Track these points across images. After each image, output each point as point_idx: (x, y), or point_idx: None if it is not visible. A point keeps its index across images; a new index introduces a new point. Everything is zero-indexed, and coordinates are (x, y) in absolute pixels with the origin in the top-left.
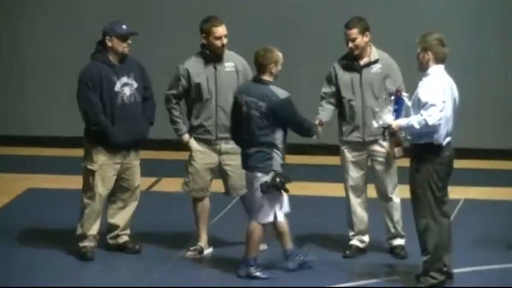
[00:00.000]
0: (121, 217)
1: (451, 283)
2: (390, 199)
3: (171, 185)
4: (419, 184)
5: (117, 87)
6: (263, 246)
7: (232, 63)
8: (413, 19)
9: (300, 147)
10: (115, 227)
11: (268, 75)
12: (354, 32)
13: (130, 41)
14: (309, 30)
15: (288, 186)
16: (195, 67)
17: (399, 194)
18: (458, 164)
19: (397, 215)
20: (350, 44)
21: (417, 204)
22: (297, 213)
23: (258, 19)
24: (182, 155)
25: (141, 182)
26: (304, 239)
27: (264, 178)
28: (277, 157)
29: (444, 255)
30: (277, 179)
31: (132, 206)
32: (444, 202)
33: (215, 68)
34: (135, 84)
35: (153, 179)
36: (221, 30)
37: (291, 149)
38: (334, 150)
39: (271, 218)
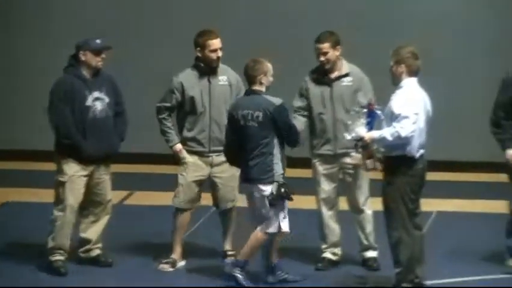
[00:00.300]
0: (93, 231)
1: None
2: (362, 211)
3: (143, 198)
4: (392, 196)
5: (89, 101)
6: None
7: (226, 77)
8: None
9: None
10: (87, 241)
11: (258, 85)
12: (326, 46)
13: (103, 56)
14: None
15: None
16: (189, 80)
17: (372, 206)
18: (431, 176)
19: (369, 227)
20: (321, 58)
21: (390, 216)
22: None
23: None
24: (155, 169)
25: (112, 196)
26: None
27: (268, 190)
28: (277, 167)
29: (417, 267)
30: (282, 189)
31: (104, 220)
32: (417, 214)
33: (209, 81)
34: (107, 99)
35: (125, 192)
36: (216, 43)
37: None
38: (305, 163)
39: (276, 228)
